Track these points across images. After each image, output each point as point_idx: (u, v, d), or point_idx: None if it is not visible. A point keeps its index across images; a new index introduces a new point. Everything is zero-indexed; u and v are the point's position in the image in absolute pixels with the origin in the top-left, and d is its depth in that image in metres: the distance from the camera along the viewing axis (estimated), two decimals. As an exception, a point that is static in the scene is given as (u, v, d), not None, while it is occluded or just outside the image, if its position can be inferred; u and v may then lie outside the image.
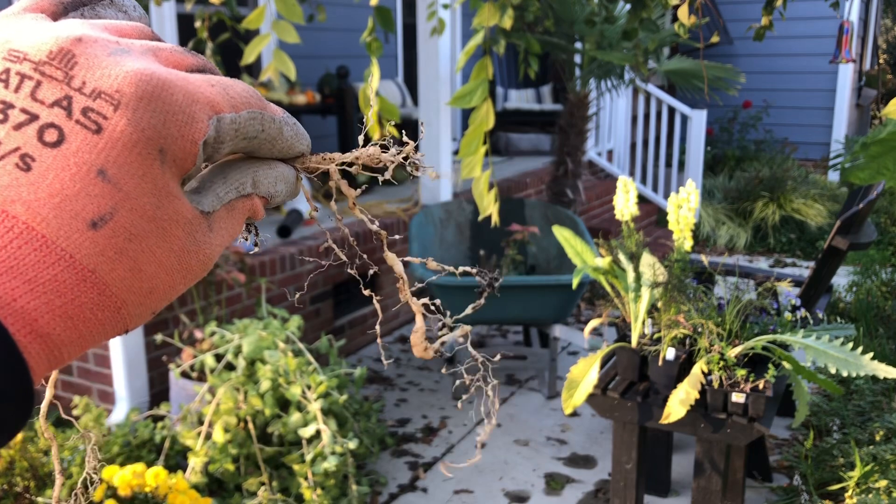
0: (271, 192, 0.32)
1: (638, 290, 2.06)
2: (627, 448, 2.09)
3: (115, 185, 0.25)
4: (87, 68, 0.25)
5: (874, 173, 2.62)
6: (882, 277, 4.42)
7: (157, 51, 0.28)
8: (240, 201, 0.30)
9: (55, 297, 0.24)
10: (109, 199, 0.25)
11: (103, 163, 0.25)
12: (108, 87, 0.25)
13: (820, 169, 7.36)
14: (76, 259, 0.24)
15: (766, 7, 2.36)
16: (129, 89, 0.25)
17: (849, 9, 6.46)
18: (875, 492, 2.16)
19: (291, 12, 1.66)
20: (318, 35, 4.65)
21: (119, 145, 0.25)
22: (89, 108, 0.25)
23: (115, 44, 0.27)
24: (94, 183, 0.24)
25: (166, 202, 0.26)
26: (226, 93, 0.28)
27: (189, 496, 1.89)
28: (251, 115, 0.29)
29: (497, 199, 1.96)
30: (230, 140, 0.29)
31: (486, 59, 1.88)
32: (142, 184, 0.25)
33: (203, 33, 2.28)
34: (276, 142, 0.31)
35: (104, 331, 0.25)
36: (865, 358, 1.78)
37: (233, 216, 0.30)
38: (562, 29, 3.95)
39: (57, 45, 0.26)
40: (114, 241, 0.25)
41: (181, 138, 0.26)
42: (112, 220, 0.25)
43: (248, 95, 0.29)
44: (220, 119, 0.28)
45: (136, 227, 0.25)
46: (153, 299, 0.27)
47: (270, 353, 2.27)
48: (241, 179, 0.30)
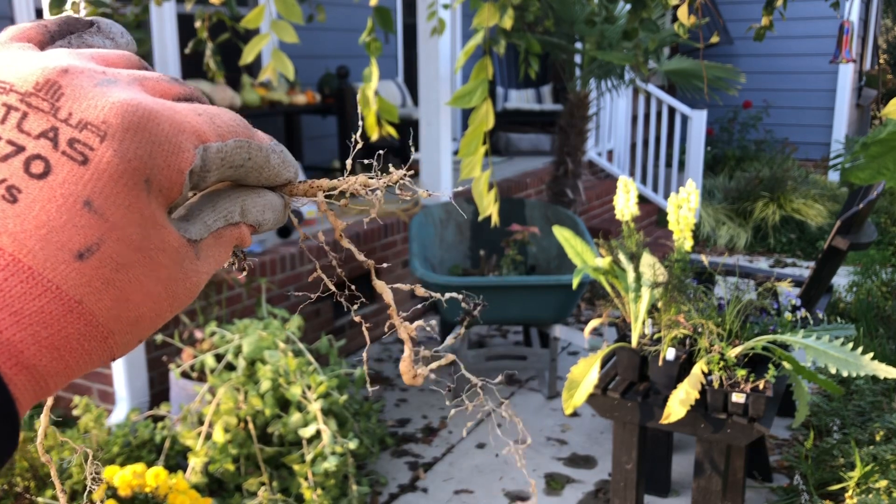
0: (259, 220, 0.32)
1: (638, 290, 2.06)
2: (627, 448, 2.09)
3: (101, 216, 0.25)
4: (73, 99, 0.25)
5: (874, 173, 2.62)
6: (882, 277, 4.42)
7: (144, 80, 0.28)
8: (228, 229, 0.30)
9: (42, 329, 0.24)
10: (96, 230, 0.25)
11: (90, 194, 0.25)
12: (95, 118, 0.25)
13: (820, 169, 7.36)
14: (63, 290, 0.24)
15: (767, 7, 2.36)
16: (115, 120, 0.25)
17: (849, 9, 6.46)
18: (875, 492, 2.16)
19: (291, 12, 1.66)
20: (319, 35, 4.65)
21: (105, 176, 0.25)
22: (76, 139, 0.25)
23: (101, 74, 0.27)
24: (81, 214, 0.24)
25: (153, 231, 0.26)
26: (212, 122, 0.28)
27: (189, 496, 1.89)
28: (238, 144, 0.29)
29: (497, 198, 1.96)
30: (216, 169, 0.29)
31: (485, 59, 1.88)
32: (128, 214, 0.25)
33: (203, 33, 2.28)
34: (264, 170, 0.31)
35: (91, 361, 0.26)
36: (865, 358, 1.78)
37: (220, 244, 0.30)
38: (562, 29, 3.95)
39: (43, 77, 0.26)
40: (101, 271, 0.25)
41: (167, 168, 0.26)
42: (99, 250, 0.25)
43: (234, 124, 0.29)
44: (206, 148, 0.28)
45: (123, 257, 0.25)
46: (140, 328, 0.27)
47: (270, 354, 2.27)
48: (229, 208, 0.30)
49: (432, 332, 0.37)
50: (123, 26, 1.28)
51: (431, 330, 0.38)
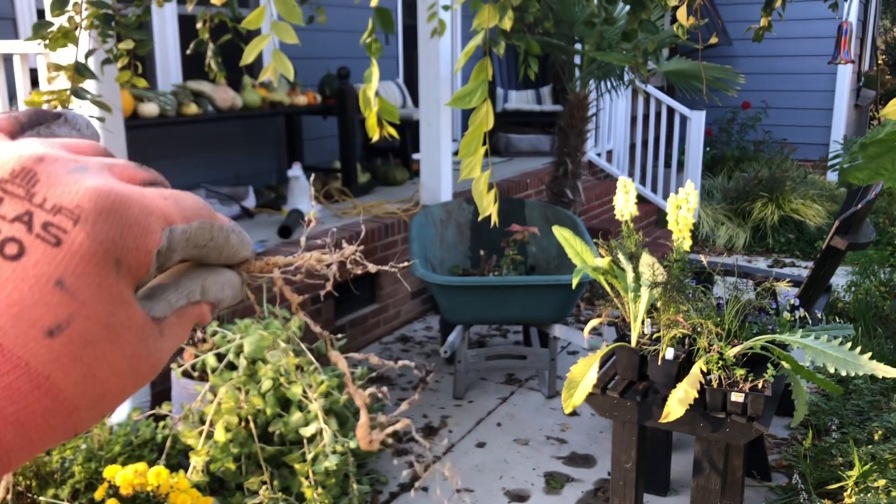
0: (219, 297, 0.33)
1: (637, 289, 2.07)
2: (627, 447, 2.10)
3: (72, 295, 0.26)
4: (47, 186, 0.26)
5: (872, 173, 2.63)
6: (881, 277, 4.43)
7: (112, 167, 0.30)
8: (189, 308, 0.31)
9: (8, 405, 0.25)
10: (66, 308, 0.25)
11: (62, 273, 0.26)
12: (69, 202, 0.26)
13: (819, 169, 7.37)
14: (32, 366, 0.25)
15: (765, 8, 2.37)
16: (88, 205, 0.26)
17: (847, 10, 6.47)
18: (874, 491, 2.17)
19: (291, 13, 1.67)
20: (319, 36, 4.66)
21: (77, 257, 0.26)
22: (50, 222, 0.26)
23: (73, 161, 0.28)
24: (52, 293, 0.25)
25: (120, 309, 0.27)
26: (178, 205, 0.30)
27: (190, 495, 1.90)
28: (201, 226, 0.30)
29: (497, 199, 1.97)
30: (181, 249, 0.30)
31: (485, 60, 1.88)
32: (98, 292, 0.26)
33: (204, 34, 2.29)
34: (224, 249, 0.32)
35: (54, 437, 0.26)
36: (864, 357, 1.79)
37: (182, 322, 0.31)
38: (561, 30, 3.97)
39: (20, 164, 0.27)
40: (69, 347, 0.26)
41: (136, 249, 0.27)
42: (69, 327, 0.25)
43: (198, 207, 0.31)
44: (172, 230, 0.29)
45: (92, 334, 0.26)
46: (104, 403, 0.27)
47: (272, 353, 2.28)
48: (191, 287, 0.32)
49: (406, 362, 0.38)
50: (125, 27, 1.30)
51: (384, 396, 0.39)
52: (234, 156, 4.34)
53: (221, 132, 4.25)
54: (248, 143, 4.43)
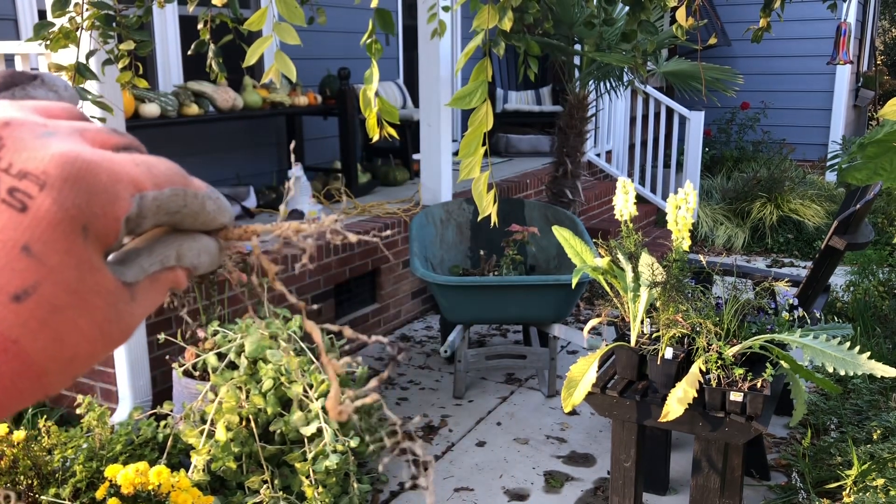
0: (195, 263, 0.33)
1: (637, 289, 2.08)
2: (626, 446, 2.11)
3: (39, 261, 0.26)
4: (13, 150, 0.26)
5: (871, 174, 2.64)
6: (879, 277, 4.44)
7: (84, 131, 0.29)
8: (163, 273, 0.31)
9: None
10: (33, 274, 0.26)
11: (28, 239, 0.26)
12: (34, 168, 0.26)
13: (818, 169, 7.38)
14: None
15: (764, 9, 2.38)
16: (54, 170, 0.26)
17: (846, 10, 6.48)
18: (872, 490, 2.18)
19: (293, 14, 1.68)
20: (320, 37, 4.67)
21: (44, 223, 0.26)
22: (15, 188, 0.26)
23: (42, 126, 0.28)
24: (19, 258, 0.25)
25: (89, 275, 0.27)
26: (149, 171, 0.29)
27: (191, 494, 1.91)
28: (174, 192, 0.30)
29: (496, 199, 1.98)
30: (152, 215, 0.30)
31: (485, 61, 1.89)
32: (65, 259, 0.26)
33: (206, 35, 2.30)
34: (199, 216, 0.32)
35: (23, 399, 0.26)
36: (863, 357, 1.80)
37: (156, 287, 0.31)
38: (561, 31, 3.97)
39: None
40: (37, 312, 0.26)
41: (104, 216, 0.27)
42: (36, 292, 0.26)
43: (171, 173, 0.30)
44: (142, 196, 0.29)
45: (59, 300, 0.26)
46: (74, 366, 0.28)
47: (272, 353, 2.29)
48: (165, 252, 0.31)
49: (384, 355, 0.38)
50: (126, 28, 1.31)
51: (357, 364, 0.40)
52: (234, 156, 4.34)
53: (222, 133, 4.26)
54: (249, 144, 4.44)
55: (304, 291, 3.32)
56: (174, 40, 3.99)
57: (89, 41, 2.18)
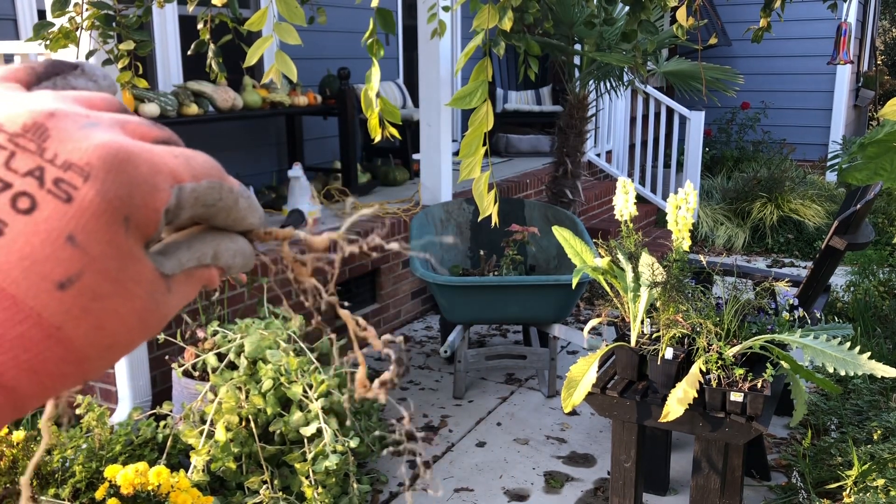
0: (229, 263, 0.34)
1: (637, 289, 2.08)
2: (626, 446, 2.11)
3: (82, 250, 0.26)
4: (58, 141, 0.27)
5: (871, 174, 2.63)
6: (879, 277, 4.44)
7: (125, 123, 0.30)
8: (199, 270, 0.32)
9: (21, 353, 0.26)
10: (77, 263, 0.26)
11: (73, 229, 0.26)
12: (79, 159, 0.27)
13: (818, 169, 7.38)
14: (44, 317, 0.26)
15: (765, 9, 2.38)
16: (97, 162, 0.27)
17: (846, 10, 6.48)
18: (873, 490, 2.18)
19: (293, 14, 1.68)
20: (320, 37, 4.66)
21: (87, 214, 0.27)
22: (60, 178, 0.27)
23: (85, 117, 0.28)
24: (64, 248, 0.26)
25: (130, 265, 0.28)
26: (188, 163, 0.30)
27: (191, 494, 1.91)
28: (210, 185, 0.31)
29: (497, 199, 1.98)
30: (190, 207, 0.30)
31: (485, 61, 1.89)
32: (107, 249, 0.27)
33: (205, 35, 2.30)
34: (231, 211, 0.33)
35: (65, 383, 0.27)
36: (863, 357, 1.80)
37: (190, 282, 0.32)
38: (561, 31, 3.97)
39: (31, 119, 0.27)
40: (80, 300, 0.26)
41: (145, 207, 0.28)
42: (79, 281, 0.26)
43: (209, 166, 0.31)
44: (181, 188, 0.29)
45: (101, 288, 0.27)
46: (112, 353, 0.28)
47: (272, 353, 2.29)
48: (203, 250, 0.32)
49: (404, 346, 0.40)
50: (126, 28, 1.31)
51: (400, 342, 0.41)
52: (234, 156, 4.34)
53: (222, 132, 4.26)
54: (248, 144, 4.44)
55: (304, 292, 3.32)
56: (174, 40, 3.99)
57: (89, 41, 2.17)
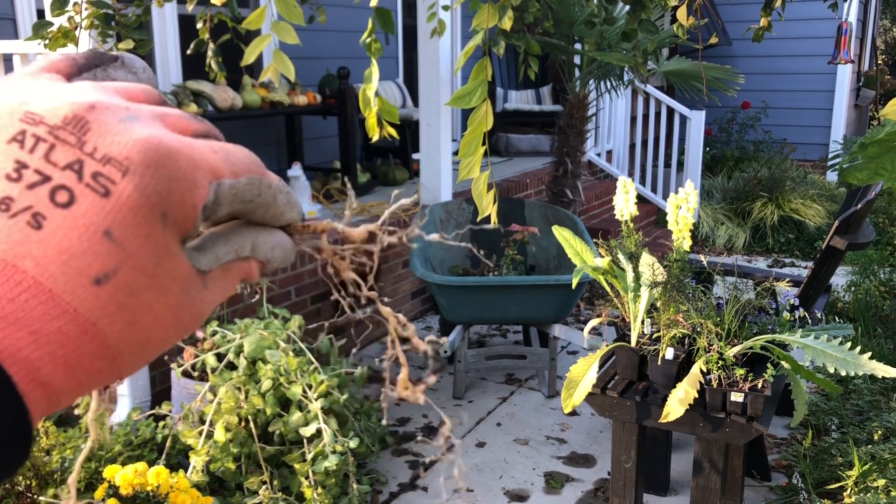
0: (269, 257, 0.33)
1: (637, 289, 2.07)
2: (627, 447, 2.10)
3: (119, 245, 0.26)
4: (98, 134, 0.27)
5: (872, 174, 2.63)
6: (880, 277, 4.43)
7: (165, 116, 0.30)
8: (236, 263, 0.32)
9: (58, 348, 0.25)
10: (114, 258, 0.26)
11: (110, 224, 0.26)
12: (118, 153, 0.27)
13: (818, 169, 7.38)
14: (80, 312, 0.26)
15: (765, 8, 2.38)
16: (136, 157, 0.27)
17: (847, 10, 6.48)
18: (873, 490, 2.17)
19: (292, 13, 1.67)
20: (319, 36, 4.66)
21: (125, 209, 0.26)
22: (99, 172, 0.26)
23: (125, 110, 0.28)
24: (101, 243, 0.26)
25: (166, 260, 0.28)
26: (227, 159, 0.30)
27: (190, 495, 1.90)
28: (250, 181, 0.31)
29: (496, 199, 1.97)
30: (228, 203, 0.30)
31: (485, 60, 1.89)
32: (145, 244, 0.27)
33: (204, 34, 2.29)
34: (270, 208, 0.33)
35: (100, 379, 0.27)
36: (864, 357, 1.79)
37: (228, 276, 0.31)
38: (561, 30, 3.97)
39: (72, 111, 0.27)
40: (115, 296, 0.26)
41: (182, 204, 0.28)
42: (115, 276, 0.26)
43: (248, 162, 0.31)
44: (219, 184, 0.29)
45: (137, 284, 0.27)
46: (147, 350, 0.28)
47: (271, 353, 2.28)
48: (241, 243, 0.32)
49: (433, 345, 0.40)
50: (125, 27, 1.30)
51: (439, 345, 0.41)
52: (233, 156, 4.33)
53: (221, 132, 4.24)
54: (247, 144, 4.42)
55: (304, 292, 3.32)
56: (173, 39, 3.99)
57: (88, 40, 2.17)
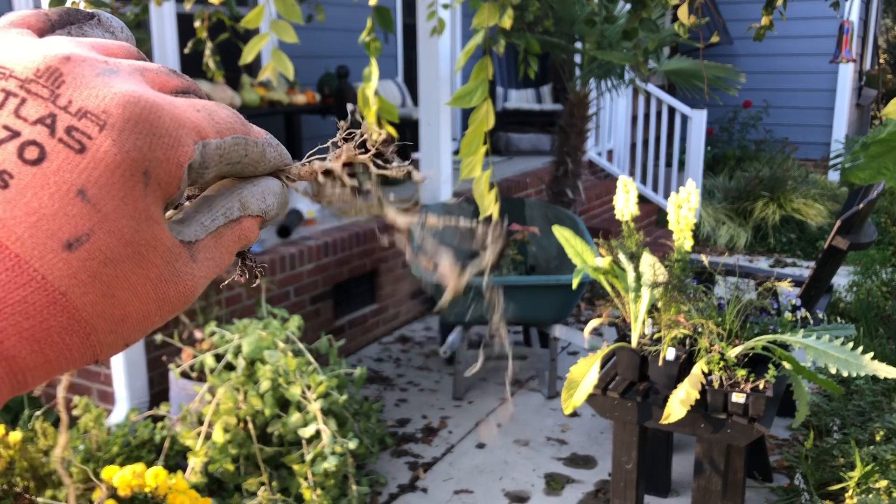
0: (262, 207, 0.31)
1: (638, 290, 2.06)
2: (627, 448, 2.09)
3: (94, 206, 0.24)
4: (74, 87, 0.25)
5: (874, 173, 2.62)
6: (882, 277, 4.42)
7: (145, 71, 0.28)
8: (228, 228, 0.29)
9: (23, 319, 0.23)
10: (87, 220, 0.24)
11: (84, 183, 0.24)
12: (95, 107, 0.25)
13: (820, 169, 7.36)
14: (48, 280, 0.23)
15: (766, 7, 2.36)
16: (116, 111, 0.25)
17: (849, 9, 6.46)
18: (875, 492, 2.16)
19: (290, 12, 1.66)
20: (318, 35, 4.65)
21: (102, 166, 0.24)
22: (74, 126, 0.24)
23: (103, 63, 0.26)
24: (73, 203, 0.24)
25: (146, 226, 0.25)
26: (211, 118, 0.28)
27: (189, 496, 1.89)
28: (235, 141, 0.29)
29: (497, 198, 1.96)
30: (215, 165, 0.28)
31: (485, 59, 1.87)
32: (122, 206, 0.25)
33: (202, 33, 2.28)
34: (259, 164, 0.31)
35: (72, 357, 0.25)
36: (866, 358, 1.78)
37: (221, 244, 0.29)
38: (562, 29, 3.95)
39: (45, 63, 0.25)
40: (88, 263, 0.24)
41: (167, 161, 0.26)
42: (88, 241, 0.24)
43: (232, 121, 0.29)
44: (205, 144, 0.27)
45: (113, 251, 0.24)
46: (125, 328, 0.26)
47: (270, 353, 2.27)
48: (226, 205, 0.30)
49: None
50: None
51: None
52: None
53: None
54: (247, 143, 4.42)
55: (303, 291, 3.30)
56: (171, 38, 3.97)
57: (85, 39, 2.16)
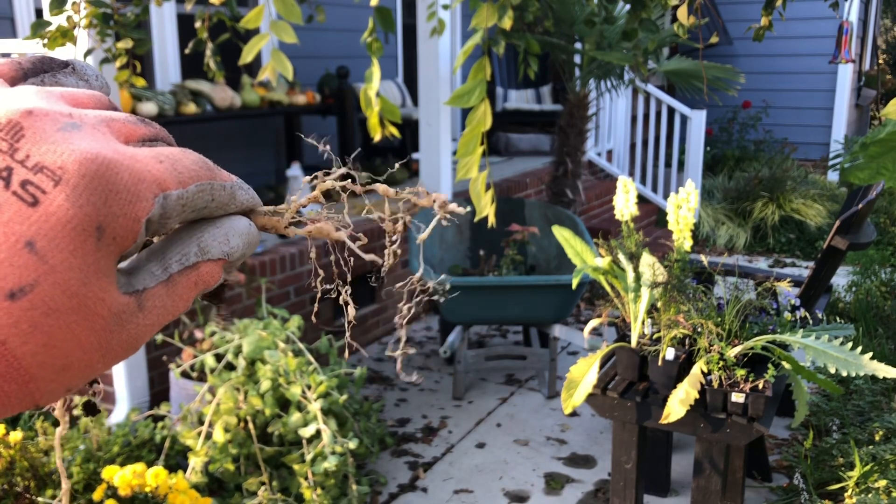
0: (225, 250, 0.30)
1: (637, 290, 2.06)
2: (627, 448, 2.10)
3: (41, 258, 0.24)
4: (33, 142, 0.25)
5: (873, 173, 2.62)
6: (881, 277, 4.42)
7: (111, 121, 0.28)
8: (183, 275, 0.29)
9: None
10: (33, 272, 0.24)
11: (33, 235, 0.24)
12: (52, 162, 0.25)
13: (819, 169, 7.37)
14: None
15: (766, 7, 2.36)
16: (72, 167, 0.25)
17: (848, 9, 6.47)
18: (874, 492, 2.17)
19: (290, 12, 1.66)
20: (319, 35, 4.65)
21: (53, 220, 0.25)
22: (29, 181, 0.25)
23: (67, 117, 0.27)
24: (20, 254, 0.24)
25: (93, 280, 0.26)
26: (174, 168, 0.28)
27: (189, 496, 1.90)
28: (200, 188, 0.29)
29: (494, 199, 1.96)
30: (177, 215, 0.28)
31: (483, 59, 1.88)
32: (71, 259, 0.25)
33: (203, 34, 2.29)
34: (230, 206, 0.31)
35: (10, 403, 0.25)
36: (865, 358, 1.79)
37: (174, 292, 0.29)
38: (561, 29, 3.96)
39: (6, 117, 0.26)
40: (30, 313, 0.24)
41: (123, 216, 0.26)
42: (32, 292, 0.24)
43: (196, 168, 0.29)
44: (166, 196, 0.27)
45: (56, 303, 0.25)
46: (67, 376, 0.26)
47: (270, 353, 2.28)
48: (182, 251, 0.29)
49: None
50: (123, 26, 1.29)
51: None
52: (232, 155, 4.33)
53: (220, 132, 4.24)
54: (246, 143, 4.42)
55: (303, 292, 3.31)
56: (172, 39, 3.98)
57: (87, 39, 2.16)
